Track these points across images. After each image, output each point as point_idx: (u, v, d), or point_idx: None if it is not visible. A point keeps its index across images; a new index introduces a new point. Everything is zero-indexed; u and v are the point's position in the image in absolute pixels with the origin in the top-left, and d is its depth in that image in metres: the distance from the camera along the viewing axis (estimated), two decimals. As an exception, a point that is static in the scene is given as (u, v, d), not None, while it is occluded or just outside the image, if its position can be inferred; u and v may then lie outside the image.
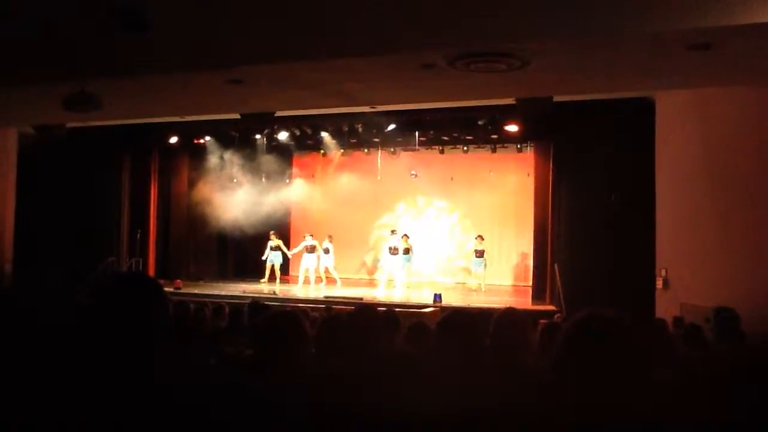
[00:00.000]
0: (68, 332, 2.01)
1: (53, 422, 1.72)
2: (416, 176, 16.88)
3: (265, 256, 16.04)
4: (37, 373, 1.86)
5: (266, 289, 14.78)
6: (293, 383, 2.39)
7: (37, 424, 1.74)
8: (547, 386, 1.96)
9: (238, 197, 15.73)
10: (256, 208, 15.58)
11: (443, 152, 15.81)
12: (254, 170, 16.12)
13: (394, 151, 16.31)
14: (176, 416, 1.78)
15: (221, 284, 15.69)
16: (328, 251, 15.86)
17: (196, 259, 17.11)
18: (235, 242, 17.26)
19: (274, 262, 16.00)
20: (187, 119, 13.45)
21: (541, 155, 14.26)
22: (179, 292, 13.52)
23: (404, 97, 9.91)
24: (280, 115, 12.08)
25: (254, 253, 16.67)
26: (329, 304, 11.22)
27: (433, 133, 14.48)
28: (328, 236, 16.03)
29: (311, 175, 18.20)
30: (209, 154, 15.99)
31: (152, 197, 16.66)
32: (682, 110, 10.18)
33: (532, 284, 14.61)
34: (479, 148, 15.35)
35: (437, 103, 11.20)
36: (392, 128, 13.85)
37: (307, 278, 15.77)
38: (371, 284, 16.76)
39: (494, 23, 6.27)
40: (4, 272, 14.15)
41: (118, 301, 1.91)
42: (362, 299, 12.71)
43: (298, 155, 17.78)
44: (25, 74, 8.19)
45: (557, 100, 9.84)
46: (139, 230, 16.00)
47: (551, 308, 12.21)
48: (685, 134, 10.18)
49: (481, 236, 15.01)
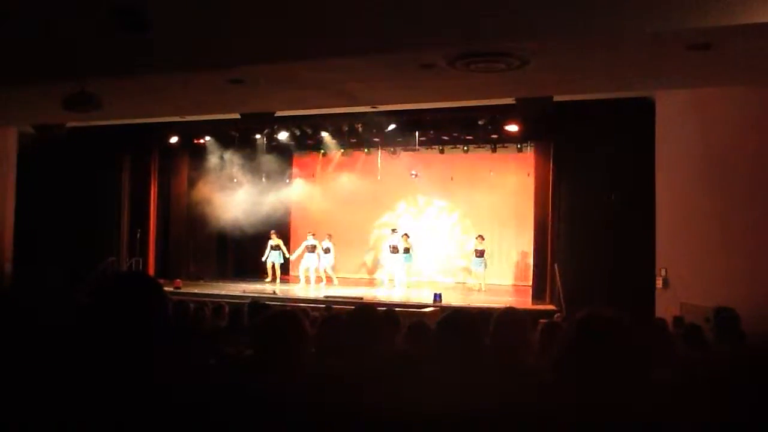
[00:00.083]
0: (68, 332, 2.01)
1: (53, 422, 1.73)
2: (416, 176, 16.88)
3: (265, 256, 16.05)
4: (37, 372, 1.86)
5: (268, 288, 14.79)
6: (293, 383, 2.39)
7: (37, 424, 1.74)
8: (547, 386, 1.96)
9: (238, 197, 15.72)
10: (256, 207, 15.57)
11: (443, 152, 15.82)
12: (254, 170, 16.11)
13: (394, 150, 16.31)
14: (176, 416, 1.78)
15: (221, 284, 15.67)
16: (328, 251, 15.86)
17: (195, 258, 17.10)
18: (235, 242, 17.25)
19: (274, 261, 16.02)
20: (187, 119, 13.45)
21: (541, 155, 14.26)
22: (179, 291, 13.52)
23: (404, 96, 9.91)
24: (280, 115, 12.08)
25: (254, 252, 16.67)
26: (329, 303, 11.22)
27: (433, 132, 14.47)
28: (327, 235, 16.03)
29: (311, 175, 18.19)
30: (209, 153, 15.99)
31: (152, 197, 16.65)
32: (682, 110, 10.18)
33: (532, 284, 14.61)
34: (479, 148, 15.35)
35: (437, 103, 11.19)
36: (392, 128, 13.84)
37: (307, 278, 15.79)
38: (371, 284, 16.76)
39: (494, 23, 6.27)
40: (3, 272, 14.13)
41: (118, 300, 1.91)
42: (362, 299, 12.71)
43: (298, 155, 17.78)
44: (25, 74, 8.19)
45: (557, 99, 9.84)
46: (139, 230, 15.99)
47: (551, 308, 12.20)
48: (685, 134, 10.19)
49: (481, 236, 15.01)
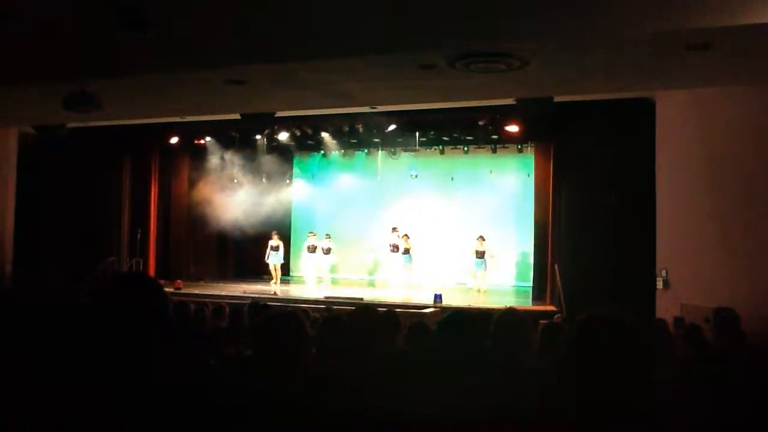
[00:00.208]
0: (68, 332, 2.01)
1: (54, 422, 1.73)
2: (416, 176, 16.87)
3: (267, 257, 16.08)
4: (37, 372, 1.86)
5: (268, 289, 14.78)
6: (293, 384, 2.39)
7: (37, 423, 1.74)
8: (547, 386, 1.96)
9: (238, 198, 15.71)
10: (256, 208, 15.57)
11: (443, 152, 15.82)
12: (255, 170, 16.11)
13: (394, 151, 16.31)
14: (176, 416, 1.78)
15: (221, 284, 15.68)
16: (329, 251, 15.87)
17: (196, 259, 17.10)
18: (235, 243, 17.24)
19: (274, 262, 16.03)
20: (187, 119, 13.44)
21: (541, 155, 14.26)
22: (179, 292, 13.50)
23: (404, 97, 9.91)
24: (280, 115, 12.08)
25: (255, 253, 16.67)
26: (330, 304, 11.21)
27: (433, 133, 14.47)
28: (325, 236, 16.04)
29: (311, 175, 18.20)
30: (209, 154, 15.98)
31: (152, 197, 16.65)
32: (682, 110, 10.18)
33: (532, 285, 14.61)
34: (479, 148, 15.36)
35: (437, 103, 11.18)
36: (392, 128, 13.83)
37: (308, 278, 15.83)
38: (371, 284, 16.75)
39: (494, 23, 6.27)
40: (4, 272, 14.14)
41: (118, 301, 1.91)
42: (362, 299, 12.70)
43: (298, 155, 17.78)
44: (25, 74, 8.20)
45: (557, 100, 9.84)
46: (139, 230, 15.98)
47: (551, 308, 12.20)
48: (685, 134, 10.18)
49: (482, 237, 14.99)
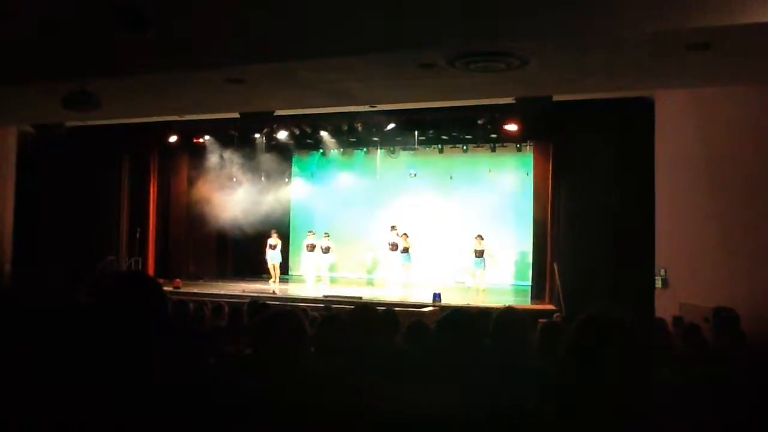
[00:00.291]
0: (67, 331, 2.01)
1: (53, 422, 1.73)
2: (415, 175, 16.87)
3: (267, 255, 16.09)
4: (37, 372, 1.86)
5: (267, 288, 14.79)
6: (293, 383, 2.39)
7: (37, 423, 1.74)
8: (547, 386, 1.96)
9: (237, 196, 15.71)
10: (255, 207, 15.56)
11: (442, 151, 15.81)
12: (254, 169, 16.11)
13: (393, 150, 16.31)
14: (175, 415, 1.78)
15: (220, 283, 15.66)
16: (328, 250, 15.87)
17: (195, 258, 17.10)
18: (234, 241, 17.23)
19: (273, 261, 16.03)
20: (186, 118, 13.44)
21: (540, 154, 14.26)
22: (178, 291, 13.50)
23: (404, 96, 9.91)
24: (279, 114, 12.08)
25: (254, 252, 16.67)
26: (329, 303, 11.21)
27: (432, 132, 14.46)
28: (324, 234, 16.05)
29: (310, 174, 18.21)
30: (209, 153, 15.96)
31: (152, 196, 16.63)
32: (681, 110, 10.18)
33: (531, 283, 14.62)
34: (479, 147, 15.36)
35: (437, 102, 11.19)
36: (392, 127, 13.83)
37: (307, 277, 15.83)
38: (370, 283, 16.76)
39: (494, 23, 6.27)
40: (3, 271, 14.13)
41: (117, 300, 1.91)
42: (361, 298, 12.70)
43: (297, 154, 17.78)
44: (25, 73, 8.20)
45: (556, 99, 9.84)
46: (138, 229, 15.98)
47: (550, 307, 12.21)
48: (684, 134, 10.18)
49: (480, 236, 14.98)
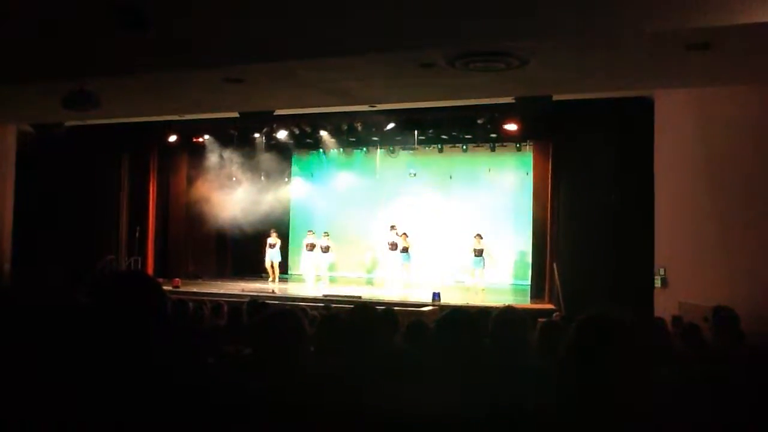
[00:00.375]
0: (67, 331, 2.01)
1: (53, 422, 1.72)
2: (415, 175, 16.87)
3: (266, 254, 16.09)
4: (36, 371, 1.86)
5: (267, 287, 14.79)
6: (292, 382, 2.39)
7: (36, 422, 1.74)
8: (546, 385, 1.96)
9: (237, 196, 15.71)
10: (255, 206, 15.56)
11: (442, 151, 15.82)
12: (253, 169, 16.10)
13: (393, 149, 16.31)
14: (175, 414, 1.78)
15: (220, 283, 15.66)
16: (327, 249, 15.87)
17: (194, 257, 17.10)
18: (234, 241, 17.24)
19: (272, 260, 16.03)
20: (186, 118, 13.44)
21: (540, 154, 14.26)
22: (178, 290, 13.50)
23: (403, 95, 9.91)
24: (279, 113, 12.08)
25: (253, 251, 16.67)
26: (328, 302, 11.21)
27: (432, 132, 14.46)
28: (324, 234, 16.05)
29: (310, 173, 18.20)
30: (208, 152, 15.96)
31: (151, 196, 16.63)
32: (681, 109, 10.18)
33: (530, 283, 14.62)
34: (478, 146, 15.38)
35: (436, 102, 11.19)
36: (391, 127, 13.83)
37: (307, 276, 15.82)
38: (370, 283, 16.76)
39: (494, 22, 6.27)
40: (3, 270, 14.12)
41: (116, 299, 1.91)
42: (361, 298, 12.70)
43: (297, 154, 17.77)
44: (25, 73, 8.20)
45: (556, 98, 9.84)
46: (138, 228, 15.97)
47: (550, 307, 12.21)
48: (684, 133, 10.18)
49: (479, 235, 14.99)
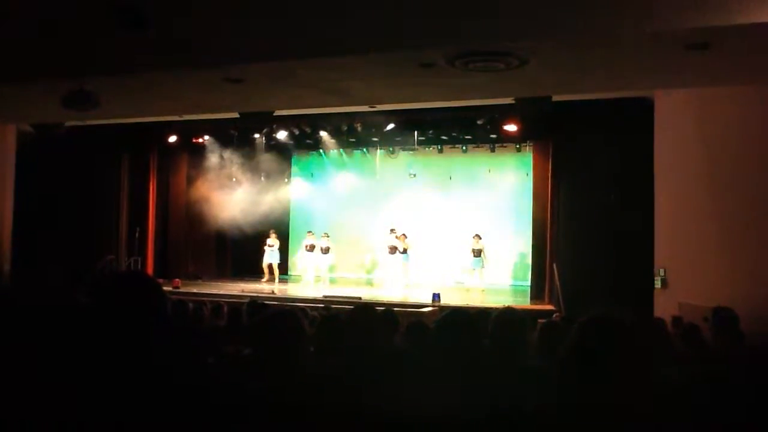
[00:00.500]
0: (67, 331, 2.01)
1: (53, 422, 1.72)
2: (415, 176, 16.87)
3: (265, 254, 16.09)
4: (36, 371, 1.85)
5: (266, 288, 14.79)
6: (292, 382, 2.39)
7: (36, 422, 1.74)
8: (546, 386, 1.96)
9: (237, 196, 15.71)
10: (255, 207, 15.56)
11: (442, 152, 15.83)
12: (253, 169, 16.10)
13: (393, 150, 16.31)
14: (175, 415, 1.78)
15: (220, 283, 15.65)
16: (327, 250, 15.87)
17: (194, 258, 17.09)
18: (233, 241, 17.23)
19: (272, 260, 16.02)
20: (186, 118, 13.43)
21: (540, 155, 14.26)
22: (178, 291, 13.49)
23: (403, 96, 9.91)
24: (279, 114, 12.07)
25: (253, 252, 16.66)
26: (328, 303, 11.21)
27: (432, 132, 14.46)
28: (324, 235, 16.05)
29: (310, 174, 18.21)
30: (208, 152, 15.96)
31: (151, 196, 16.62)
32: (681, 109, 10.18)
33: (530, 284, 14.62)
34: (478, 147, 15.38)
35: (436, 102, 11.19)
36: (391, 127, 13.83)
37: (307, 277, 15.83)
38: (370, 283, 16.75)
39: (493, 23, 6.27)
40: (3, 271, 14.12)
41: (116, 300, 1.91)
42: (361, 298, 12.70)
43: (297, 154, 17.77)
44: (25, 73, 8.20)
45: (556, 99, 9.84)
46: (137, 229, 15.96)
47: (550, 308, 12.20)
48: (684, 133, 10.19)
49: (478, 235, 14.99)
